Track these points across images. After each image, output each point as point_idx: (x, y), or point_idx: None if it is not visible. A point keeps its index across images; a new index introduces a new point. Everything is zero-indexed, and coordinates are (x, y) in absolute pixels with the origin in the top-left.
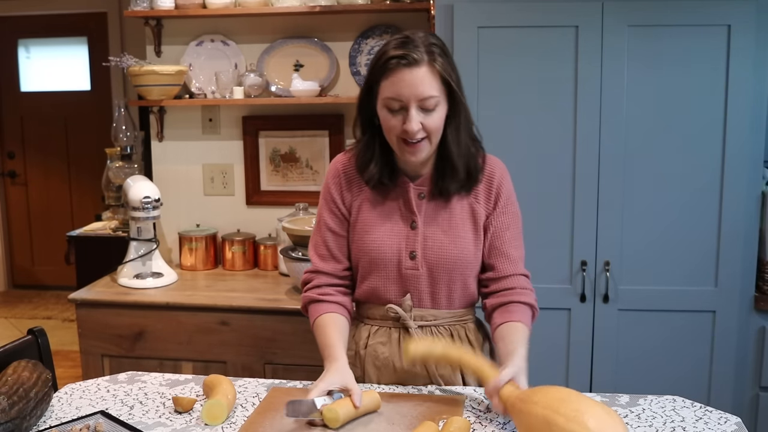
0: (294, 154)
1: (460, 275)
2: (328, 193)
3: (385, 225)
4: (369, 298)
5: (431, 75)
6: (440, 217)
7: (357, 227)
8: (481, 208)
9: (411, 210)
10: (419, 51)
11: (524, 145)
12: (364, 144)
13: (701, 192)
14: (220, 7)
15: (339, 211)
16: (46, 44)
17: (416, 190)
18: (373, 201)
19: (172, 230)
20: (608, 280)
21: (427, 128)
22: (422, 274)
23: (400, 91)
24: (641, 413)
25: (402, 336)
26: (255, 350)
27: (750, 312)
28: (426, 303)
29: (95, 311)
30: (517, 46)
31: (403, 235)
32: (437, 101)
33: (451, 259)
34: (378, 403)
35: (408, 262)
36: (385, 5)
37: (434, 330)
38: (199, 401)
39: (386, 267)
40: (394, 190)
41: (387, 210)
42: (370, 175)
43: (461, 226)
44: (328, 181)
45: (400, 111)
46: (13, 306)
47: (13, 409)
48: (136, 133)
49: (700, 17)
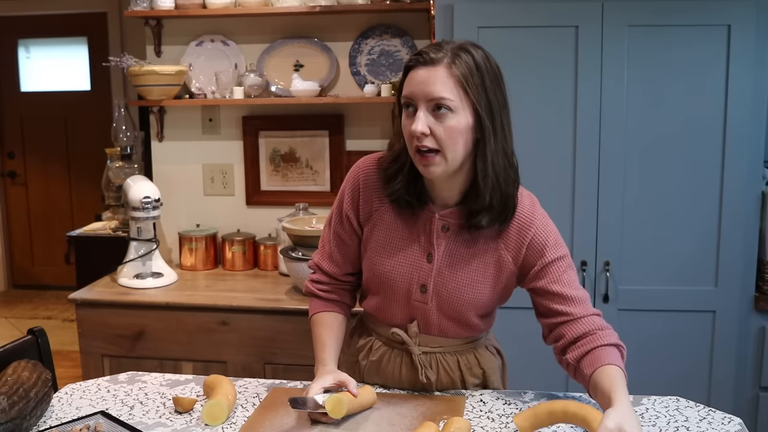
0: (294, 154)
1: (472, 316)
2: (341, 201)
3: (401, 251)
4: (375, 314)
5: (447, 76)
6: (461, 256)
7: (371, 244)
8: (509, 256)
9: (430, 242)
10: (442, 51)
11: (524, 145)
12: (395, 154)
13: (701, 192)
14: (220, 7)
15: (349, 222)
16: (46, 44)
17: (441, 222)
18: (392, 220)
19: (172, 230)
20: (608, 280)
21: (437, 136)
22: (431, 309)
23: (412, 88)
24: (645, 413)
25: (404, 359)
26: (255, 350)
27: (750, 312)
28: (433, 331)
29: (95, 311)
30: (517, 46)
31: (416, 267)
32: (452, 105)
33: (464, 303)
34: (374, 396)
35: (418, 294)
36: (385, 5)
37: (439, 357)
38: (199, 401)
39: (395, 293)
40: (417, 215)
41: (405, 235)
42: (393, 190)
43: (482, 271)
44: (345, 188)
45: (414, 113)
46: (13, 306)
47: (13, 409)
48: (136, 133)
49: (700, 17)
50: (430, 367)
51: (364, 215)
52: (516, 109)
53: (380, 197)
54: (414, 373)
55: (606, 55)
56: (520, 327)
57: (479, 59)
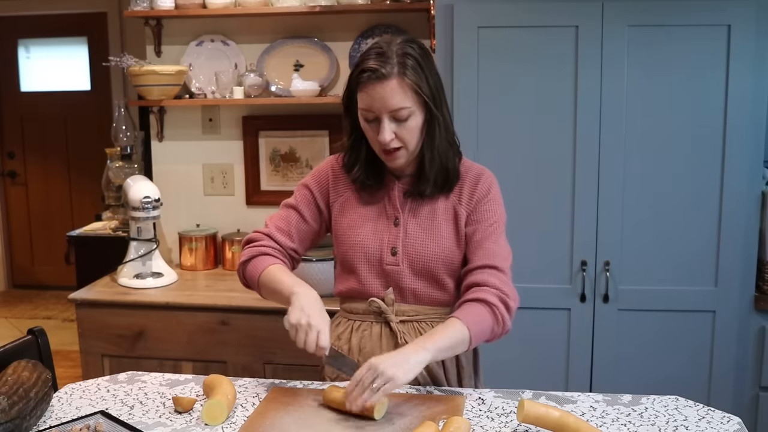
0: (294, 154)
1: (441, 273)
2: (307, 187)
3: (370, 222)
4: (351, 294)
5: (402, 87)
6: (422, 215)
7: (342, 224)
8: (462, 208)
9: (395, 207)
10: (390, 64)
11: (524, 145)
12: (350, 146)
13: (701, 192)
14: (220, 7)
15: (315, 204)
16: (46, 44)
17: (401, 188)
18: (358, 199)
19: (172, 230)
20: (608, 280)
21: (401, 138)
22: (403, 270)
23: (372, 104)
24: (644, 412)
25: (383, 330)
26: (255, 350)
27: (750, 312)
28: (408, 299)
29: (95, 311)
30: (517, 46)
31: (385, 232)
32: (410, 111)
33: (430, 256)
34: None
35: (389, 257)
36: (385, 5)
37: (416, 326)
38: (199, 401)
39: (369, 262)
40: (380, 188)
41: (372, 208)
42: (355, 176)
43: (443, 225)
44: (315, 173)
45: (375, 121)
46: (13, 306)
47: (13, 409)
48: (136, 133)
49: (700, 17)
50: (408, 335)
51: (332, 200)
52: (516, 109)
53: (345, 184)
54: (394, 343)
55: (606, 55)
56: (520, 327)
57: (417, 55)
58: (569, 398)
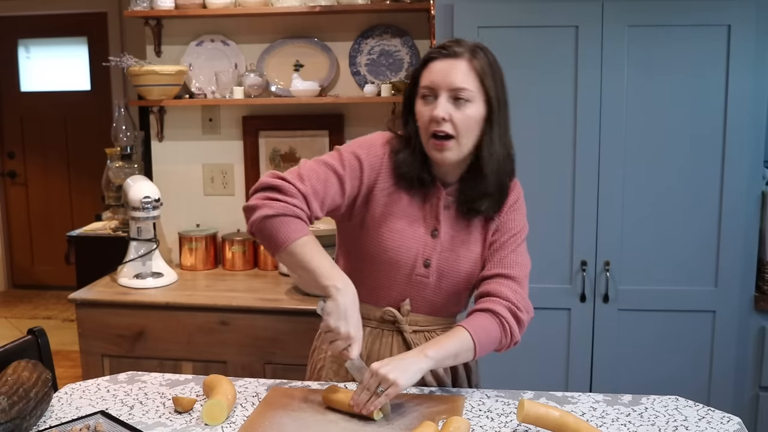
0: (294, 154)
1: (464, 289)
2: (361, 157)
3: (407, 228)
4: (367, 299)
5: (468, 69)
6: (459, 229)
7: (377, 220)
8: (493, 223)
9: (436, 218)
10: (462, 47)
11: (524, 145)
12: (404, 139)
13: (701, 192)
14: (220, 7)
15: (360, 181)
16: (46, 44)
17: (447, 198)
18: (399, 199)
19: (172, 230)
20: (608, 280)
21: (455, 123)
22: (430, 283)
23: (434, 77)
24: (644, 412)
25: (395, 339)
26: (255, 350)
27: (750, 312)
28: (423, 309)
29: (95, 311)
30: (516, 46)
31: (422, 242)
32: (471, 96)
33: (461, 274)
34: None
35: (421, 269)
36: (385, 5)
37: (428, 335)
38: (199, 401)
39: (398, 269)
40: (422, 194)
41: (411, 212)
42: (406, 170)
43: (474, 243)
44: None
45: (433, 98)
46: (13, 306)
47: (13, 409)
48: (136, 133)
49: (700, 17)
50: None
51: (378, 189)
52: (516, 109)
53: (393, 177)
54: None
55: (606, 55)
56: None
57: (491, 59)
58: (569, 398)
